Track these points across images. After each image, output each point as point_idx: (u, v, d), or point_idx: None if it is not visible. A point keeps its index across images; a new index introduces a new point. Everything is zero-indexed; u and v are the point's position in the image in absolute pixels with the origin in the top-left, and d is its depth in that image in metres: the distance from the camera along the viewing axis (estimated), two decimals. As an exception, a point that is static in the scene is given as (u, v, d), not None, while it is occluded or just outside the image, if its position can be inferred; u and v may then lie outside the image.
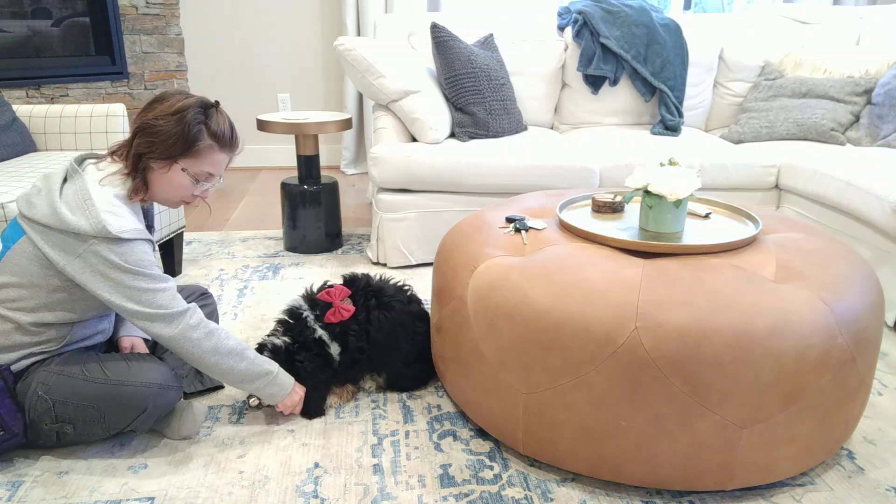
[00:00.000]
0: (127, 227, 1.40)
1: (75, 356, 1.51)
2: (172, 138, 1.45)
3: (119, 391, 1.46)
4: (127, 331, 1.67)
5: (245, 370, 1.53)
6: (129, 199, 1.47)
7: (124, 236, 1.39)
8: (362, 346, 1.72)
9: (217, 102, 1.53)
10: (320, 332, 1.69)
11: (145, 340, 1.69)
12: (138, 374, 1.48)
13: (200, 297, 1.86)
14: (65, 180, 1.47)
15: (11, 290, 1.44)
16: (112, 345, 1.71)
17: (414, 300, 1.87)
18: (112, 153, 1.50)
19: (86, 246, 1.38)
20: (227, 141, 1.53)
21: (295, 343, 1.67)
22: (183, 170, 1.49)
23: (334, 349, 1.70)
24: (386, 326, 1.75)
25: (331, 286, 1.78)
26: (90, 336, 1.57)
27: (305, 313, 1.71)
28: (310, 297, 1.75)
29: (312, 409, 1.69)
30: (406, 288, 1.88)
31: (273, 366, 1.58)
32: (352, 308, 1.73)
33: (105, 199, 1.42)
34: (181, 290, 1.85)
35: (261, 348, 1.69)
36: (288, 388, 1.61)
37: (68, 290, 1.45)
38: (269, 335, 1.71)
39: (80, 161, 1.51)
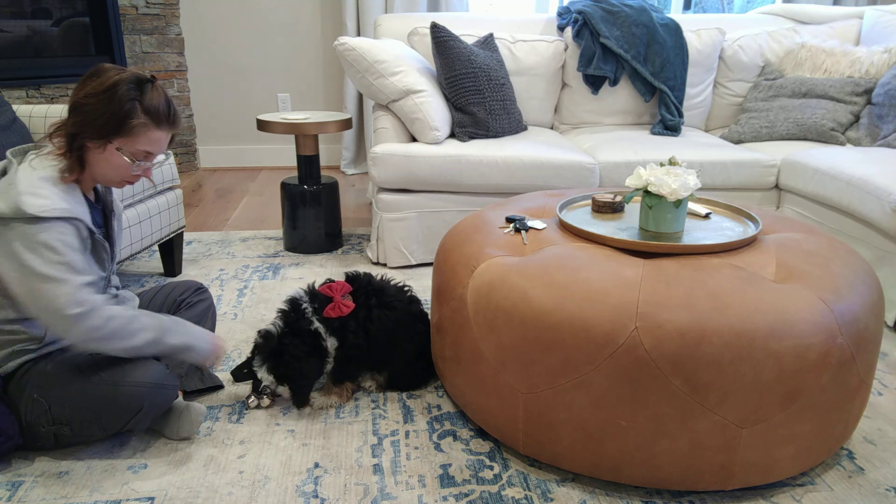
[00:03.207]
0: (47, 207, 1.35)
1: (69, 357, 1.50)
2: (103, 117, 1.39)
3: (114, 391, 1.45)
4: None
5: (161, 353, 1.50)
6: (61, 180, 1.42)
7: (42, 215, 1.34)
8: (359, 343, 1.72)
9: (153, 77, 1.47)
10: (317, 324, 1.69)
11: None
12: (132, 373, 1.47)
13: (196, 292, 1.86)
14: (4, 174, 1.44)
15: None
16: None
17: (414, 300, 1.87)
18: (50, 135, 1.45)
19: (5, 230, 1.35)
20: (164, 117, 1.46)
21: (288, 329, 1.68)
22: (118, 149, 1.43)
23: (331, 343, 1.70)
24: (387, 325, 1.75)
25: (332, 282, 1.78)
26: None
27: (305, 305, 1.71)
28: (311, 291, 1.76)
29: (298, 396, 1.70)
30: (406, 289, 1.88)
31: (185, 340, 1.52)
32: (352, 304, 1.73)
33: (28, 181, 1.37)
34: (176, 286, 1.85)
35: (258, 336, 1.70)
36: (206, 354, 1.57)
37: None
38: (269, 324, 1.73)
39: (22, 153, 1.47)
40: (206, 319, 1.85)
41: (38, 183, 1.38)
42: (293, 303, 1.73)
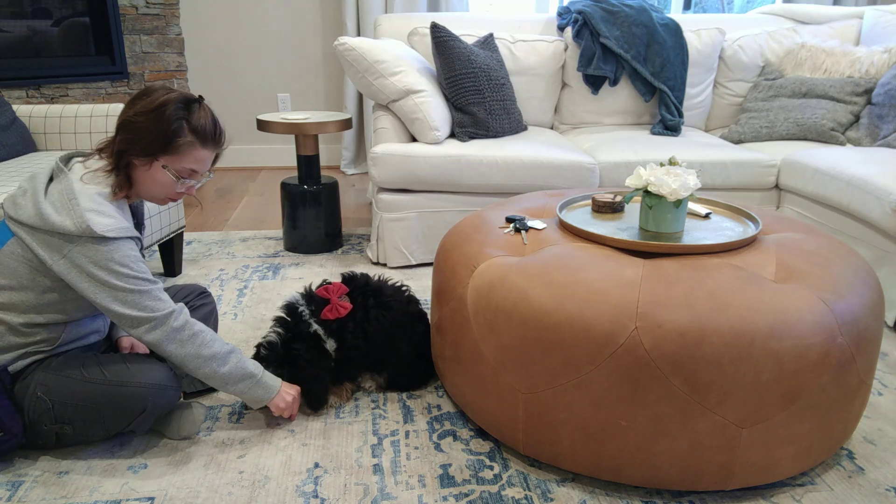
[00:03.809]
0: (112, 226, 1.39)
1: (74, 357, 1.50)
2: (151, 135, 1.42)
3: (118, 392, 1.46)
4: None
5: (227, 374, 1.51)
6: (113, 197, 1.45)
7: (109, 235, 1.38)
8: (358, 343, 1.72)
9: (201, 97, 1.50)
10: (316, 326, 1.69)
11: None
12: (137, 374, 1.48)
13: (199, 296, 1.86)
14: (51, 180, 1.45)
15: (2, 293, 1.44)
16: (112, 344, 1.71)
17: (412, 300, 1.87)
18: (99, 150, 1.48)
19: (71, 246, 1.37)
20: (210, 137, 1.49)
21: (290, 334, 1.68)
22: (164, 167, 1.46)
23: (330, 345, 1.70)
24: (384, 325, 1.75)
25: (329, 283, 1.78)
26: (84, 336, 1.57)
27: (301, 308, 1.71)
28: (308, 294, 1.76)
29: (315, 399, 1.69)
30: (404, 288, 1.88)
31: (257, 369, 1.56)
32: (349, 305, 1.73)
33: (89, 198, 1.40)
34: (180, 289, 1.85)
35: (257, 349, 1.68)
36: (273, 391, 1.59)
37: (59, 290, 1.44)
38: (265, 336, 1.71)
39: (67, 160, 1.49)
40: (209, 323, 1.85)
41: (99, 200, 1.42)
42: (290, 308, 1.73)
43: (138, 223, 1.65)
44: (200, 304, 1.85)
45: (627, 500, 1.44)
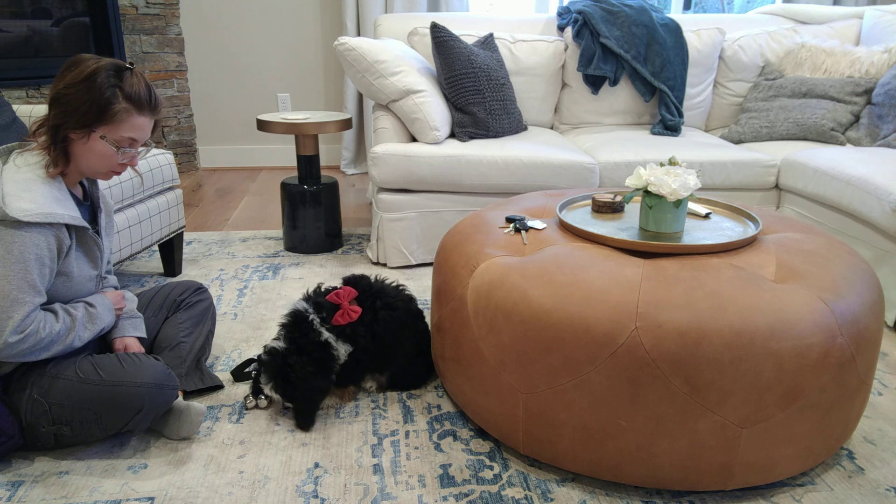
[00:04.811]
0: (31, 211, 1.35)
1: (69, 358, 1.50)
2: (85, 105, 1.39)
3: (114, 392, 1.45)
4: (120, 332, 1.64)
5: (79, 343, 1.48)
6: (47, 175, 1.42)
7: (24, 219, 1.34)
8: (368, 346, 1.72)
9: (132, 64, 1.48)
10: (326, 335, 1.67)
11: (140, 340, 1.68)
12: (133, 374, 1.47)
13: (195, 292, 1.86)
14: None
15: None
16: (107, 346, 1.71)
17: (412, 299, 1.87)
18: (34, 132, 1.45)
19: None
20: (146, 103, 1.46)
21: (293, 346, 1.64)
22: (102, 137, 1.43)
23: (343, 350, 1.69)
24: (392, 326, 1.75)
25: (331, 288, 1.77)
26: None
27: (311, 316, 1.69)
28: (314, 300, 1.73)
29: (303, 418, 1.64)
30: (402, 287, 1.88)
31: (97, 327, 1.52)
32: (359, 309, 1.72)
33: (15, 182, 1.37)
34: (175, 286, 1.85)
35: (257, 358, 1.65)
36: (110, 318, 1.57)
37: None
38: (273, 340, 1.69)
39: (7, 152, 1.46)
40: (206, 319, 1.85)
41: (24, 185, 1.38)
42: (297, 316, 1.69)
43: (94, 207, 1.61)
44: (197, 300, 1.84)
45: (627, 500, 1.44)
